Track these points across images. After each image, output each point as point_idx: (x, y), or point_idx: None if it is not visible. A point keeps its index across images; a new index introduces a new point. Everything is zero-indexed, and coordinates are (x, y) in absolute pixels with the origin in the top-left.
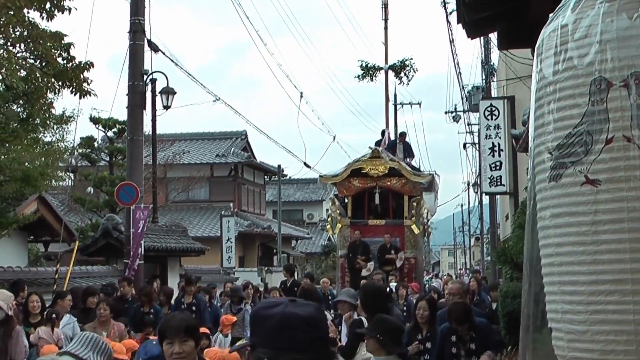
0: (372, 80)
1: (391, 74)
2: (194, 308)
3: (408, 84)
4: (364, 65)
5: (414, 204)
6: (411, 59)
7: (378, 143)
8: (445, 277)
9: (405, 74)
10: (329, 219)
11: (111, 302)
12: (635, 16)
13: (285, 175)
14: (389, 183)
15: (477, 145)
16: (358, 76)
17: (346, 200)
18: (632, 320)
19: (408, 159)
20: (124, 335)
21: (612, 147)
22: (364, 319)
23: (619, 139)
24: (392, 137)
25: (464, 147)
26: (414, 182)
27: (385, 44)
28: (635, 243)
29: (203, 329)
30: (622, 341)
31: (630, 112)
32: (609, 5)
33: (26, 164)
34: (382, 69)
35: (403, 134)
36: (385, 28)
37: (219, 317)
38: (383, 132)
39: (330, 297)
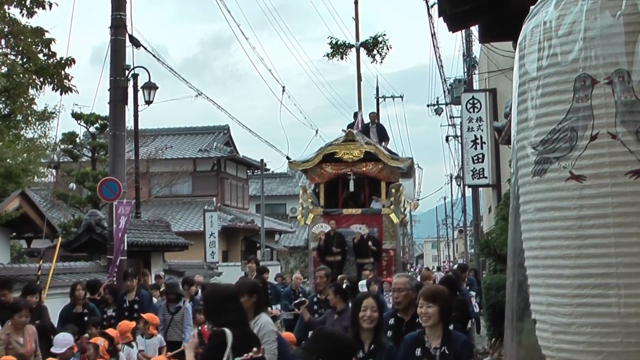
0: (342, 58)
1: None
2: (136, 306)
3: (382, 62)
4: (333, 42)
5: (393, 190)
6: (384, 34)
7: (350, 127)
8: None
9: (378, 51)
10: (300, 209)
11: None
12: (619, 14)
13: (268, 170)
14: (364, 168)
15: (459, 138)
16: (327, 54)
17: (317, 189)
18: (617, 313)
19: (383, 143)
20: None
21: (597, 144)
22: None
23: (604, 135)
24: (367, 121)
25: (447, 139)
26: (391, 167)
27: (356, 19)
28: (620, 238)
29: (111, 331)
30: (608, 333)
31: (614, 109)
32: (592, 3)
33: (8, 160)
34: (353, 46)
35: (374, 115)
36: (356, 2)
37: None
38: (355, 115)
39: (301, 295)
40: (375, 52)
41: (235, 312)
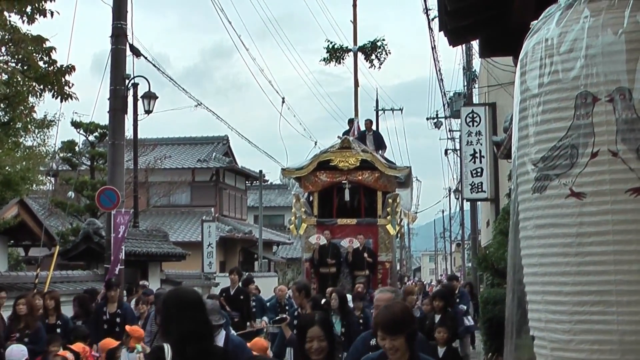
0: (339, 62)
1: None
2: (118, 320)
3: (379, 67)
4: (330, 46)
5: (390, 200)
6: (383, 39)
7: (346, 134)
8: (413, 283)
9: (376, 56)
10: (293, 218)
11: None
12: (620, 32)
13: (267, 181)
14: (360, 177)
15: (458, 152)
16: (324, 59)
17: (311, 198)
18: (616, 330)
19: (380, 151)
20: None
21: (598, 161)
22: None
23: (605, 153)
24: (363, 128)
25: (446, 153)
26: (388, 176)
27: (354, 22)
28: (619, 255)
29: (77, 346)
30: (607, 350)
31: (615, 127)
32: (594, 20)
33: (7, 168)
34: (350, 50)
35: (370, 122)
36: (354, 5)
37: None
38: (351, 121)
39: (287, 308)
40: (373, 56)
41: (193, 323)
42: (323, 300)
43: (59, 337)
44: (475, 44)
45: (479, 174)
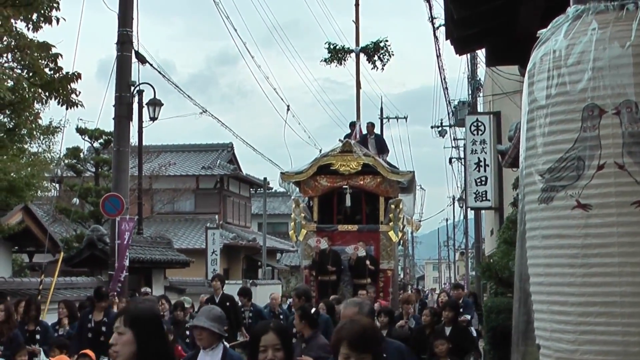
0: (340, 64)
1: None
2: (103, 328)
3: (383, 69)
4: (331, 47)
5: (392, 206)
6: (386, 40)
7: (348, 137)
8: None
9: (379, 57)
10: (292, 224)
11: None
12: (628, 44)
13: (271, 188)
14: (362, 182)
15: (462, 160)
16: (325, 59)
17: (311, 203)
18: (620, 341)
19: (382, 155)
20: None
21: (604, 174)
22: None
23: (611, 165)
24: (365, 132)
25: (450, 161)
26: (391, 181)
27: (357, 23)
28: (624, 267)
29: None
30: None
31: (621, 140)
32: (601, 33)
33: (12, 174)
34: (352, 51)
35: (371, 125)
36: (357, 5)
37: None
38: (353, 125)
39: (281, 317)
40: (375, 58)
41: (166, 343)
42: (313, 310)
43: (25, 346)
44: (480, 53)
45: (483, 183)
